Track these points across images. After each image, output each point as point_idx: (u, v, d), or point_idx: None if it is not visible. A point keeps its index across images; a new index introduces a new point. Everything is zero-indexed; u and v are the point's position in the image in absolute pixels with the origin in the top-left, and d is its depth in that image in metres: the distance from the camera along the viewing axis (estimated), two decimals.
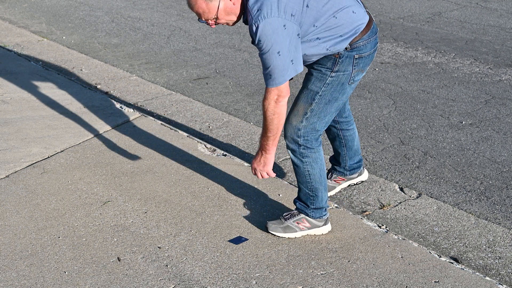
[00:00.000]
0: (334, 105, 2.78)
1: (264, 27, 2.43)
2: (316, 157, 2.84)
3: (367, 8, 2.77)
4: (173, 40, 6.70)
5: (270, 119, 2.62)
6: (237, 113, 4.75)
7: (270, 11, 2.43)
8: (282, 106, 2.60)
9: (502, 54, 6.07)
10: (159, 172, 3.60)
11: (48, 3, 8.35)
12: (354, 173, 3.37)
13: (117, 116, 4.39)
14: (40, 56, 5.99)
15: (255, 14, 2.46)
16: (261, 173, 2.80)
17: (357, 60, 2.69)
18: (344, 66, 2.69)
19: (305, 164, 2.84)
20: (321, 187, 2.91)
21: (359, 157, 3.34)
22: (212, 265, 2.78)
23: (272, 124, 2.63)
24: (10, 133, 4.10)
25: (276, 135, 2.68)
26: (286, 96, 2.59)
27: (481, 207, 3.46)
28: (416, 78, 5.46)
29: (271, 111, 2.59)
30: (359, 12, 2.66)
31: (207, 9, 2.52)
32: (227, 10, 2.55)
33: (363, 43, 2.67)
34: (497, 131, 4.38)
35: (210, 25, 2.61)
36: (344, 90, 2.76)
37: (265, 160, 2.76)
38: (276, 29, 2.44)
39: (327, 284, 2.66)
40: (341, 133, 3.20)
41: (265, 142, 2.71)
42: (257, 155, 2.78)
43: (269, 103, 2.58)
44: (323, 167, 2.89)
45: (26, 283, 2.65)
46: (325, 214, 2.99)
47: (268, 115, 2.61)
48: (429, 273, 2.73)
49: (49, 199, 3.31)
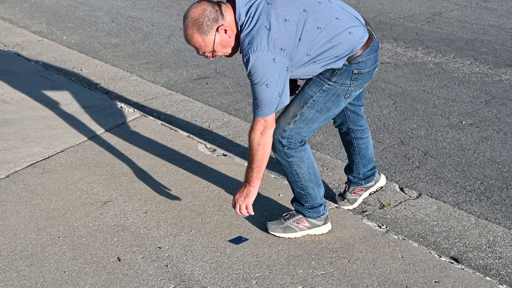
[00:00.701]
0: (325, 115, 2.77)
1: (254, 60, 2.48)
2: (301, 156, 2.82)
3: (368, 25, 2.76)
4: (173, 40, 6.70)
5: (255, 149, 2.65)
6: (237, 113, 4.76)
7: (260, 45, 2.47)
8: (267, 137, 2.64)
9: (502, 54, 6.08)
10: (159, 172, 3.60)
11: (48, 3, 8.35)
12: (370, 181, 3.33)
13: (117, 116, 4.39)
14: (40, 56, 5.99)
15: (246, 47, 2.50)
16: (240, 206, 2.80)
17: (356, 76, 2.69)
18: (342, 79, 2.69)
19: (292, 164, 2.83)
20: (311, 185, 2.89)
21: (372, 164, 3.30)
22: (212, 265, 2.78)
23: (257, 155, 2.66)
24: (10, 133, 4.10)
25: (261, 167, 2.70)
26: (272, 128, 2.64)
27: (481, 207, 3.46)
28: (416, 78, 5.46)
29: (256, 141, 2.63)
30: (357, 32, 2.65)
31: (203, 43, 2.57)
32: (223, 43, 2.60)
33: (362, 60, 2.67)
34: (497, 131, 4.38)
35: (208, 58, 2.66)
36: (338, 102, 2.75)
37: (247, 192, 2.78)
38: (265, 63, 2.48)
39: (327, 284, 2.66)
40: (355, 141, 3.19)
41: (249, 174, 2.73)
42: (241, 187, 2.80)
43: (255, 133, 2.62)
44: (312, 164, 2.87)
45: (26, 283, 2.65)
46: (323, 214, 2.99)
47: (253, 146, 2.65)
48: (429, 273, 2.73)
49: (49, 199, 3.31)
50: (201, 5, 2.54)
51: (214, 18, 2.53)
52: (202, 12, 2.53)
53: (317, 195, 2.93)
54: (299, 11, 2.54)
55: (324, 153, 4.07)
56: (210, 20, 2.52)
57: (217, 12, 2.54)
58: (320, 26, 2.57)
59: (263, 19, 2.50)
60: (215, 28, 2.54)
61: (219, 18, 2.54)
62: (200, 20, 2.52)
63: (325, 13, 2.59)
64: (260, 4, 2.54)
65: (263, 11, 2.51)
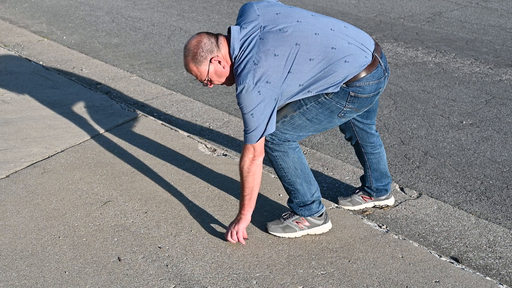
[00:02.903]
0: (315, 126, 2.79)
1: (241, 90, 2.58)
2: (285, 150, 2.84)
3: (377, 52, 2.73)
4: (173, 40, 6.70)
5: (244, 176, 2.73)
6: (237, 113, 4.75)
7: (245, 78, 2.57)
8: (257, 165, 2.71)
9: (502, 54, 6.08)
10: (159, 172, 3.61)
11: (48, 3, 8.35)
12: (381, 195, 3.33)
13: (118, 116, 4.39)
14: (41, 56, 5.99)
15: (236, 78, 2.62)
16: (231, 232, 2.88)
17: (352, 98, 2.69)
18: (338, 98, 2.70)
19: (276, 158, 2.86)
20: (299, 180, 2.89)
21: (387, 180, 3.29)
22: (213, 265, 2.78)
23: (247, 182, 2.74)
24: (11, 133, 4.10)
25: (251, 195, 2.77)
26: (261, 156, 2.71)
27: (481, 207, 3.46)
28: (416, 78, 5.46)
29: (246, 169, 2.71)
30: (354, 60, 2.64)
31: (198, 72, 2.71)
32: (218, 73, 2.71)
33: (360, 85, 2.66)
34: (498, 131, 4.38)
35: (208, 86, 2.78)
36: (331, 118, 2.76)
37: (238, 219, 2.87)
38: (250, 94, 2.56)
39: (327, 284, 2.66)
40: (365, 156, 3.20)
41: (241, 202, 2.82)
42: (236, 216, 2.90)
43: (245, 161, 2.70)
44: (299, 159, 2.87)
45: (26, 283, 2.65)
46: (318, 211, 2.98)
47: (243, 173, 2.73)
48: (430, 273, 2.73)
49: (49, 199, 3.31)
50: (199, 37, 2.68)
51: (209, 49, 2.66)
52: (198, 44, 2.66)
53: (306, 191, 2.93)
54: (290, 45, 2.60)
55: (324, 153, 4.07)
56: (204, 51, 2.65)
57: (213, 44, 2.66)
58: (312, 57, 2.61)
59: (253, 53, 2.59)
60: (208, 59, 2.66)
61: (214, 50, 2.66)
62: (195, 51, 2.66)
63: (320, 44, 2.62)
64: (253, 39, 2.62)
65: (255, 46, 2.60)
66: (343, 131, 3.19)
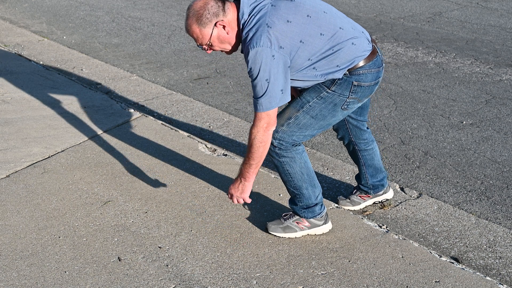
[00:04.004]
0: (320, 122, 2.78)
1: (254, 55, 2.52)
2: (293, 156, 2.82)
3: (374, 42, 2.78)
4: (173, 40, 6.70)
5: (256, 147, 2.65)
6: (237, 113, 4.76)
7: (259, 41, 2.51)
8: (269, 135, 2.65)
9: (502, 54, 6.07)
10: (159, 172, 3.61)
11: (48, 3, 8.35)
12: (379, 191, 3.33)
13: (118, 116, 4.39)
14: (41, 56, 5.99)
15: (247, 42, 2.55)
16: (238, 199, 2.83)
17: (355, 88, 2.69)
18: (341, 89, 2.70)
19: (283, 164, 2.84)
20: (305, 185, 2.89)
21: (382, 175, 3.29)
22: (213, 265, 2.78)
23: (257, 152, 2.67)
24: (11, 133, 4.10)
25: (259, 163, 2.72)
26: (274, 125, 2.65)
27: (481, 207, 3.46)
28: (416, 78, 5.46)
29: (259, 139, 2.64)
30: (360, 43, 2.66)
31: (200, 35, 2.64)
32: (221, 38, 2.65)
33: (363, 72, 2.67)
34: (498, 131, 4.38)
35: (206, 51, 2.71)
36: (335, 112, 2.76)
37: (243, 188, 2.79)
38: (265, 58, 2.51)
39: (327, 284, 2.66)
40: (359, 153, 3.19)
41: (246, 170, 2.73)
42: (236, 181, 2.80)
43: (258, 130, 2.62)
44: (305, 164, 2.86)
45: (26, 283, 2.65)
46: (319, 213, 2.98)
47: (255, 143, 2.65)
48: (430, 273, 2.73)
49: (49, 199, 3.31)
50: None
51: (215, 12, 2.59)
52: (204, 5, 2.60)
53: (311, 195, 2.93)
54: (302, 16, 2.58)
55: (324, 153, 4.07)
56: (210, 14, 2.59)
57: (219, 8, 2.60)
58: (323, 33, 2.60)
59: (265, 18, 2.55)
60: (213, 22, 2.60)
61: (219, 14, 2.60)
62: (200, 12, 2.59)
63: (329, 22, 2.63)
64: (265, 6, 2.60)
65: (267, 12, 2.57)
66: (336, 130, 3.18)
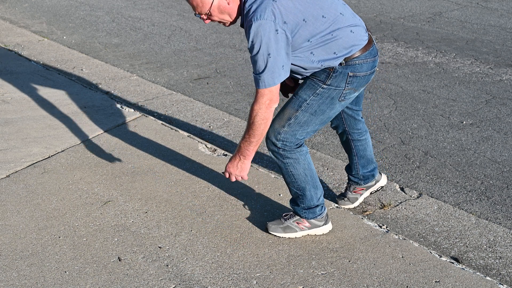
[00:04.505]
0: (320, 117, 2.76)
1: (257, 27, 2.47)
2: (297, 157, 2.81)
3: (369, 31, 2.79)
4: (173, 40, 6.70)
5: (258, 124, 2.60)
6: (237, 113, 4.76)
7: (264, 14, 2.47)
8: (271, 112, 2.61)
9: (502, 54, 6.07)
10: (159, 172, 3.61)
11: (48, 3, 8.35)
12: (369, 181, 3.32)
13: (118, 116, 4.39)
14: (41, 56, 5.99)
15: (250, 15, 2.50)
16: (236, 178, 2.80)
17: (351, 78, 2.69)
18: (337, 82, 2.69)
19: (287, 165, 2.83)
20: (308, 186, 2.89)
21: (373, 166, 3.29)
22: (213, 265, 2.78)
23: (259, 130, 2.63)
24: (11, 133, 4.10)
25: (259, 141, 2.68)
26: (276, 102, 2.61)
27: (481, 207, 3.46)
28: (416, 78, 5.46)
29: (261, 116, 2.59)
30: (358, 32, 2.67)
31: (201, 3, 2.59)
32: (221, 8, 2.60)
33: (359, 62, 2.67)
34: (498, 131, 4.38)
35: (204, 20, 2.66)
36: (333, 105, 2.75)
37: (242, 166, 2.75)
38: (268, 32, 2.47)
39: (327, 284, 2.66)
40: (352, 143, 3.19)
41: (246, 148, 2.69)
42: (234, 159, 2.75)
43: (260, 107, 2.57)
44: (309, 166, 2.86)
45: (26, 283, 2.65)
46: (320, 214, 2.98)
47: (257, 120, 2.60)
48: (430, 273, 2.73)
49: (49, 199, 3.31)
50: None
51: None
52: None
53: (313, 196, 2.93)
54: None
55: (324, 153, 4.07)
56: None
57: None
58: (325, 15, 2.59)
59: None
60: None
61: None
62: None
63: (331, 6, 2.62)
64: None
65: None
66: None
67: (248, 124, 2.65)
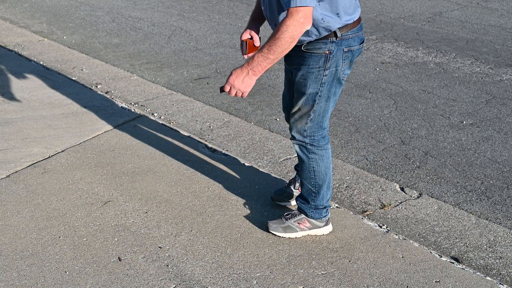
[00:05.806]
0: (333, 99, 2.81)
1: None
2: (322, 154, 2.85)
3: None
4: (173, 40, 6.70)
5: (284, 41, 2.42)
6: (237, 113, 4.75)
7: None
8: (301, 32, 2.46)
9: (502, 54, 6.07)
10: (159, 172, 3.60)
11: (48, 3, 8.35)
12: None
13: (118, 116, 4.39)
14: (41, 56, 5.99)
15: None
16: (237, 93, 2.61)
17: (346, 54, 2.72)
18: (335, 62, 2.70)
19: (311, 160, 2.86)
20: (324, 185, 2.91)
21: None
22: (213, 265, 2.78)
23: (282, 47, 2.44)
24: (11, 133, 4.10)
25: (275, 60, 2.51)
26: (310, 24, 2.47)
27: (481, 207, 3.46)
28: (416, 78, 5.46)
29: (291, 32, 2.41)
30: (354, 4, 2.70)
31: None
32: None
33: (351, 36, 2.70)
34: (498, 131, 4.38)
35: None
36: (340, 84, 2.79)
37: (248, 81, 2.56)
38: None
39: (328, 284, 2.66)
40: None
41: (260, 62, 2.50)
42: (242, 72, 2.55)
43: (293, 23, 2.40)
44: (329, 165, 2.90)
45: (26, 283, 2.65)
46: (325, 216, 2.99)
47: (284, 36, 2.41)
48: (430, 273, 2.73)
49: (49, 199, 3.31)
50: None
51: None
52: None
53: (324, 196, 2.94)
54: None
55: None
56: None
57: None
58: None
59: None
60: None
61: None
62: None
63: None
64: None
65: None
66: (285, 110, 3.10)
67: (271, 39, 2.46)
